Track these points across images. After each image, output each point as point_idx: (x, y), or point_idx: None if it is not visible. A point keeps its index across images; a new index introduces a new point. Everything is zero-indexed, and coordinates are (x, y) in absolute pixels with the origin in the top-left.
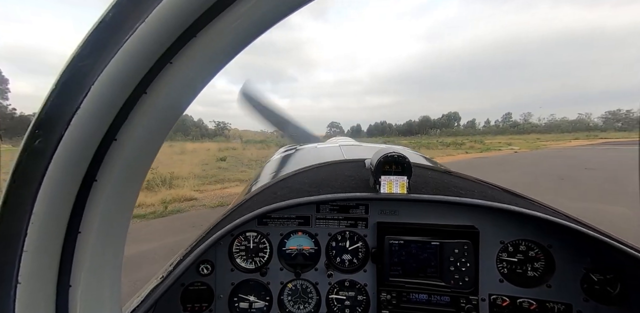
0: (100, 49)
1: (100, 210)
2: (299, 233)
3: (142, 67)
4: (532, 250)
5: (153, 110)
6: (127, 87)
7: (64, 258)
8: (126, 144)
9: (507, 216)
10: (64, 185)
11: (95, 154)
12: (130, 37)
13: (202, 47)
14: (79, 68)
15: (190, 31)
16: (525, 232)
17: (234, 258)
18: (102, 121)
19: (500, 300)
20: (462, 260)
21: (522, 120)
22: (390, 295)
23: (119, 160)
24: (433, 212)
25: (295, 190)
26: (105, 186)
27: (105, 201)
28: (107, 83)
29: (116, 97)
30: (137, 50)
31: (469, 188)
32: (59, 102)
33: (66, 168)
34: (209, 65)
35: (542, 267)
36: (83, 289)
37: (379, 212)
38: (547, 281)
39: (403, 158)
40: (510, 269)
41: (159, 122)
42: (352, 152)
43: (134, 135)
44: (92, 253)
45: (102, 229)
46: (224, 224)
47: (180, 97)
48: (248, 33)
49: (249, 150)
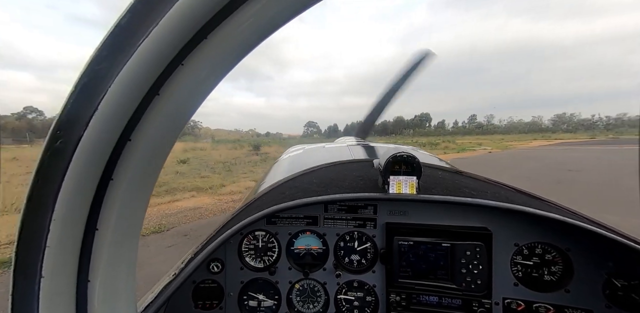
0: (116, 52)
1: (116, 208)
2: (307, 233)
3: (155, 69)
4: (549, 254)
5: (165, 111)
6: (142, 89)
7: (83, 255)
8: (140, 144)
9: (522, 218)
10: (83, 184)
11: (111, 154)
12: (145, 40)
13: (212, 49)
14: (96, 71)
15: (201, 33)
16: (541, 234)
17: (243, 257)
18: (118, 122)
19: (515, 305)
20: (474, 263)
21: (485, 121)
22: (399, 297)
23: (134, 159)
24: (444, 213)
25: (304, 190)
26: (120, 185)
27: (121, 199)
28: (123, 85)
29: (131, 98)
30: (150, 53)
31: (481, 188)
32: (78, 104)
33: (85, 168)
34: (219, 66)
35: (560, 271)
36: (100, 284)
37: (388, 213)
38: (565, 286)
39: (412, 158)
40: (525, 273)
41: (170, 123)
42: (360, 152)
43: (147, 135)
44: (109, 249)
45: (118, 226)
46: (233, 223)
47: (191, 98)
48: (256, 35)
49: (218, 150)
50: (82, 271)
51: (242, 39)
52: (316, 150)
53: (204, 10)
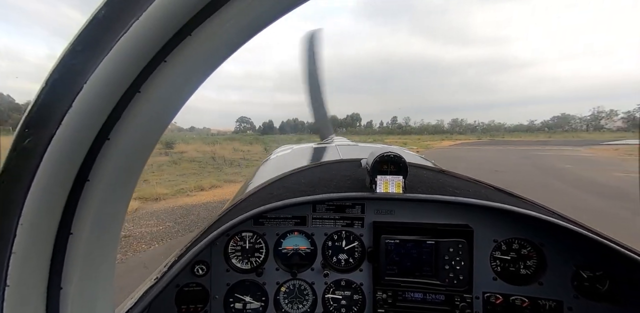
0: (93, 47)
1: (92, 210)
2: (295, 233)
3: (136, 66)
4: (524, 248)
5: (147, 109)
6: (121, 86)
7: (55, 260)
8: (119, 144)
9: (501, 215)
10: (55, 185)
11: (87, 153)
12: (124, 34)
13: (197, 46)
14: (70, 66)
15: (186, 30)
16: (518, 230)
17: (229, 259)
18: (95, 120)
19: (493, 298)
20: (457, 259)
21: (404, 123)
22: (386, 294)
23: (112, 159)
24: (428, 211)
25: (292, 190)
26: (97, 186)
27: (98, 201)
28: (100, 81)
29: (109, 95)
30: (131, 48)
31: (464, 187)
32: (50, 101)
33: (57, 168)
34: (204, 64)
35: (535, 264)
36: (75, 291)
37: (375, 212)
38: (539, 278)
39: (399, 158)
40: (503, 267)
41: (152, 122)
42: (348, 152)
43: (127, 134)
44: (85, 254)
45: (95, 230)
46: (219, 224)
47: (174, 96)
48: (244, 32)
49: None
50: (53, 278)
51: (229, 37)
52: (304, 150)
53: (189, 6)
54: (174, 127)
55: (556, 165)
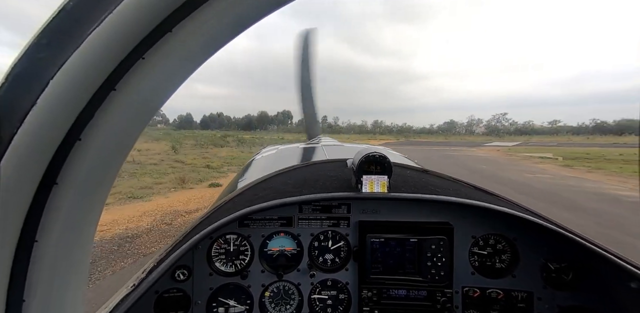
0: (61, 40)
1: (61, 216)
2: (281, 234)
3: (110, 62)
4: (500, 244)
5: (123, 109)
6: (94, 83)
7: (16, 271)
8: (92, 145)
9: (478, 212)
10: (16, 189)
11: (55, 155)
12: (97, 28)
13: (178, 43)
14: (35, 60)
15: (165, 25)
16: (494, 226)
17: (212, 262)
18: (64, 119)
19: (471, 292)
20: (438, 256)
21: (333, 122)
22: (371, 293)
23: (84, 162)
24: (412, 209)
25: (278, 190)
26: (67, 190)
27: (67, 206)
28: (70, 77)
29: (80, 93)
30: (104, 43)
31: (445, 186)
32: (11, 97)
33: (18, 171)
34: (185, 62)
35: (509, 258)
36: (39, 304)
37: (361, 211)
38: (512, 271)
39: (384, 158)
40: (480, 262)
41: (129, 121)
42: (335, 152)
43: (101, 135)
44: (51, 264)
45: (63, 237)
46: (202, 227)
47: (153, 95)
48: (227, 31)
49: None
50: (14, 290)
51: (212, 35)
52: (290, 151)
53: (168, 0)
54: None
55: (475, 165)
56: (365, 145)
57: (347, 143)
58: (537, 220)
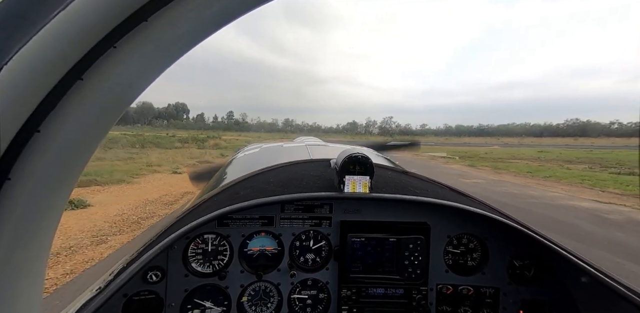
0: (16, 22)
1: (13, 215)
2: (262, 234)
3: (76, 49)
4: (472, 243)
5: (91, 99)
6: (56, 71)
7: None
8: (53, 137)
9: (454, 212)
10: None
11: (9, 147)
12: (61, 12)
13: (153, 34)
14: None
15: (140, 14)
16: (467, 226)
17: (188, 263)
18: (19, 109)
19: (445, 289)
20: (415, 254)
21: (241, 119)
22: (350, 291)
23: (44, 155)
24: (392, 210)
25: (260, 189)
26: (22, 186)
27: (22, 204)
28: (27, 64)
29: (40, 82)
30: (69, 29)
31: (424, 187)
32: None
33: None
34: (162, 54)
35: (479, 256)
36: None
37: (343, 211)
38: (482, 269)
39: (366, 158)
40: (454, 260)
41: (97, 114)
42: (319, 152)
43: (64, 127)
44: (5, 267)
45: (15, 239)
46: (178, 227)
47: (125, 86)
48: (207, 25)
49: None
50: None
51: (191, 27)
52: (273, 149)
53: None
54: None
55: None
56: (349, 146)
57: (332, 143)
58: (505, 220)
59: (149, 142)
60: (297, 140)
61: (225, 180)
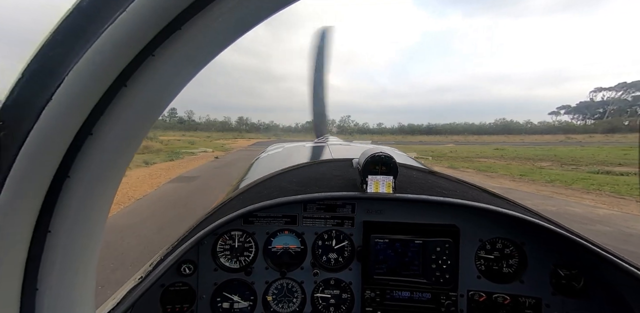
0: (75, 37)
1: (73, 208)
2: (285, 232)
3: (122, 59)
4: (507, 248)
5: (134, 104)
6: (106, 79)
7: (30, 260)
8: (103, 139)
9: (486, 215)
10: (32, 181)
11: (69, 149)
12: (110, 26)
13: (186, 41)
14: (51, 56)
15: (175, 24)
16: (502, 230)
17: (217, 258)
18: (77, 114)
19: (477, 296)
20: (444, 258)
21: (186, 117)
22: (374, 293)
23: (95, 155)
24: (417, 211)
25: (283, 189)
26: (79, 183)
27: (79, 199)
28: (83, 74)
29: (93, 89)
30: (116, 41)
31: (452, 188)
32: (27, 93)
33: (35, 164)
34: (194, 59)
35: (516, 263)
36: (52, 293)
37: (366, 211)
38: (520, 277)
39: (390, 158)
40: (487, 266)
41: (139, 117)
42: (340, 152)
43: (112, 129)
44: (64, 254)
45: (75, 229)
46: (207, 223)
47: (162, 91)
48: (235, 29)
49: None
50: (28, 279)
51: (220, 33)
52: (296, 149)
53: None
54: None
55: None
56: (371, 145)
57: (354, 142)
58: (547, 224)
59: None
60: (319, 140)
61: (250, 180)
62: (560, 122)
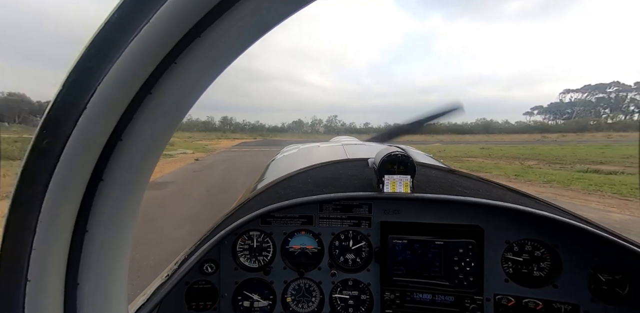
0: (106, 50)
1: (106, 209)
2: (302, 233)
3: (147, 68)
4: (538, 250)
5: (158, 111)
6: (132, 87)
7: (71, 257)
8: (131, 144)
9: (513, 215)
10: (71, 185)
11: (101, 154)
12: (135, 37)
13: (206, 48)
14: (85, 69)
15: (194, 32)
16: (531, 231)
17: (237, 257)
18: (108, 121)
19: (505, 300)
20: (467, 260)
21: None
22: (394, 295)
23: (125, 160)
24: (437, 211)
25: (298, 189)
26: (111, 186)
27: (112, 200)
28: (113, 83)
29: (121, 97)
30: (142, 51)
31: (474, 187)
32: (66, 103)
33: (73, 168)
34: (213, 65)
35: (549, 267)
36: (90, 287)
37: (383, 212)
38: (553, 281)
39: (407, 157)
40: (515, 269)
41: (163, 122)
42: (355, 151)
43: (139, 135)
44: (99, 252)
45: (109, 228)
46: (227, 223)
47: (184, 97)
48: (250, 34)
49: None
50: (70, 274)
51: (237, 38)
52: (311, 150)
53: (197, 8)
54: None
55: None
56: (386, 145)
57: (369, 142)
58: (583, 225)
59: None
60: (333, 140)
61: (266, 181)
62: (535, 122)
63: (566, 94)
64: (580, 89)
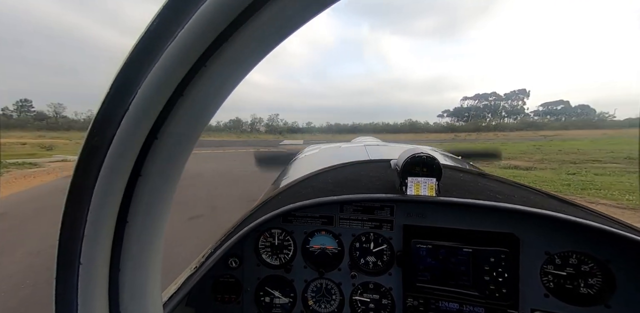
0: (147, 55)
1: (144, 202)
2: (323, 233)
3: (180, 71)
4: (585, 265)
5: (189, 112)
6: (167, 90)
7: (115, 245)
8: (165, 142)
9: (554, 224)
10: (115, 179)
11: (140, 151)
12: (172, 43)
13: (234, 51)
14: (129, 73)
15: (223, 36)
16: (576, 243)
17: (259, 254)
18: (146, 121)
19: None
20: (499, 270)
21: (52, 112)
22: (417, 302)
23: (161, 156)
24: (466, 216)
25: (319, 189)
26: (148, 181)
27: (148, 194)
28: (151, 86)
29: (158, 99)
30: (176, 55)
31: (507, 192)
32: (112, 105)
33: (117, 164)
34: (240, 67)
35: (599, 284)
36: (130, 273)
37: (406, 215)
38: (605, 300)
39: (432, 159)
40: (557, 283)
41: (193, 122)
42: (377, 152)
43: (172, 134)
44: (137, 241)
45: (146, 220)
46: (250, 220)
47: (213, 98)
48: (275, 37)
49: None
50: (114, 260)
51: (263, 40)
52: (332, 150)
53: (227, 14)
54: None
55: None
56: (411, 145)
57: (391, 142)
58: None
59: None
60: (355, 140)
61: (288, 180)
62: (447, 123)
63: (464, 100)
64: (473, 97)
